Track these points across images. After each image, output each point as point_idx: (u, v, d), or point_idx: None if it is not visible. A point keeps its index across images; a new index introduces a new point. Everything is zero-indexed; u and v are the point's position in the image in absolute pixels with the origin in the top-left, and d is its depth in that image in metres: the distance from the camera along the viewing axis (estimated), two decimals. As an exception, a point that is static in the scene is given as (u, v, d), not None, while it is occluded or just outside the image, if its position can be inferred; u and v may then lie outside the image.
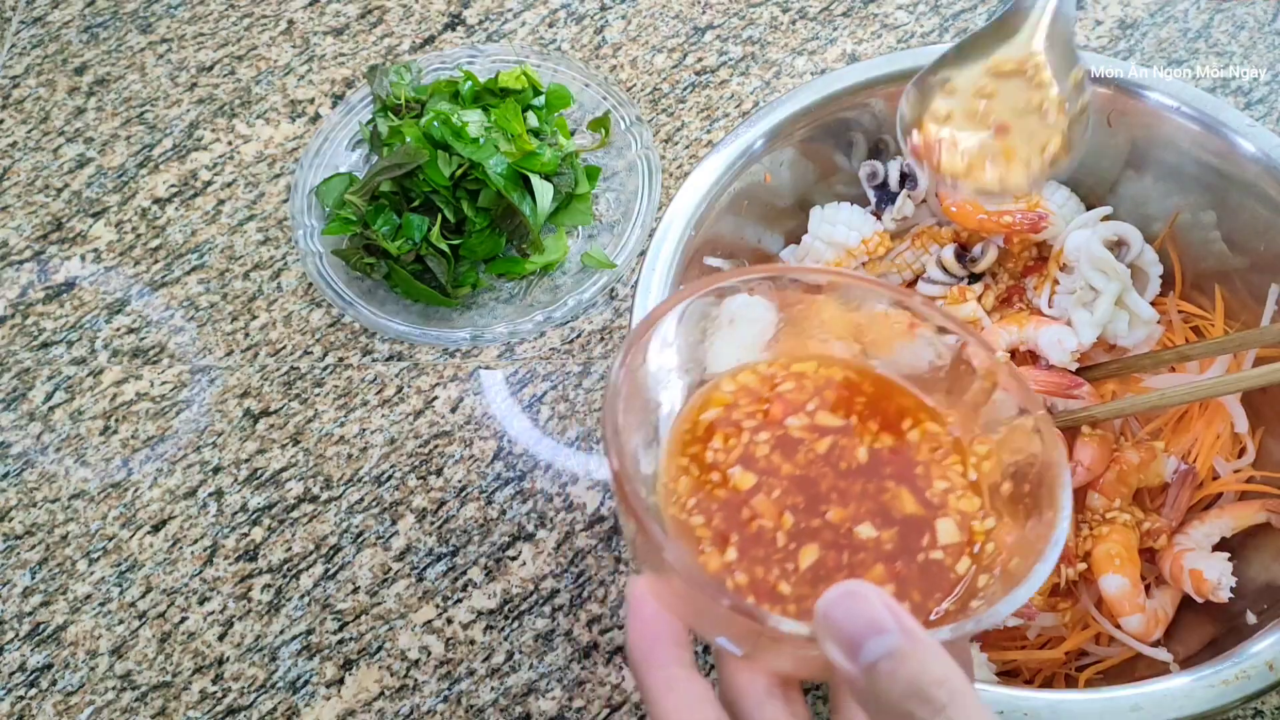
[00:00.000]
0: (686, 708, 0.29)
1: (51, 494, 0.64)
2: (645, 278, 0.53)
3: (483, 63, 0.76)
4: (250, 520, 0.63)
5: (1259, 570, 0.53)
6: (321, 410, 0.66)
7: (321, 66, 0.80)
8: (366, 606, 0.60)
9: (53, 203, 0.75)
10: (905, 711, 0.25)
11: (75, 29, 0.83)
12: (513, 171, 0.67)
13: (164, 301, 0.71)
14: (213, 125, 0.78)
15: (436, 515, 0.63)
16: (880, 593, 0.27)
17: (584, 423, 0.65)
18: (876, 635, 0.26)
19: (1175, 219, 0.59)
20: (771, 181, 0.59)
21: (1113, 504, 0.55)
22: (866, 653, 0.26)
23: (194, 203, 0.75)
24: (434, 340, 0.66)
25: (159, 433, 0.66)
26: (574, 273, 0.69)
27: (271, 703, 0.58)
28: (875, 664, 0.25)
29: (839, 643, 0.26)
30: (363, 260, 0.68)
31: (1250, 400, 0.57)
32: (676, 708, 0.29)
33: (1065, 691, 0.46)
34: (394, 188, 0.68)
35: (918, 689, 0.25)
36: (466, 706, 0.57)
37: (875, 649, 0.26)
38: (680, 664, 0.30)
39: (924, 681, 0.25)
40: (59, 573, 0.62)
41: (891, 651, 0.25)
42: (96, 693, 0.59)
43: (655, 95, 0.77)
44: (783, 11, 0.80)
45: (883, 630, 0.26)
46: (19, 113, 0.79)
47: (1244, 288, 0.58)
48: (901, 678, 0.25)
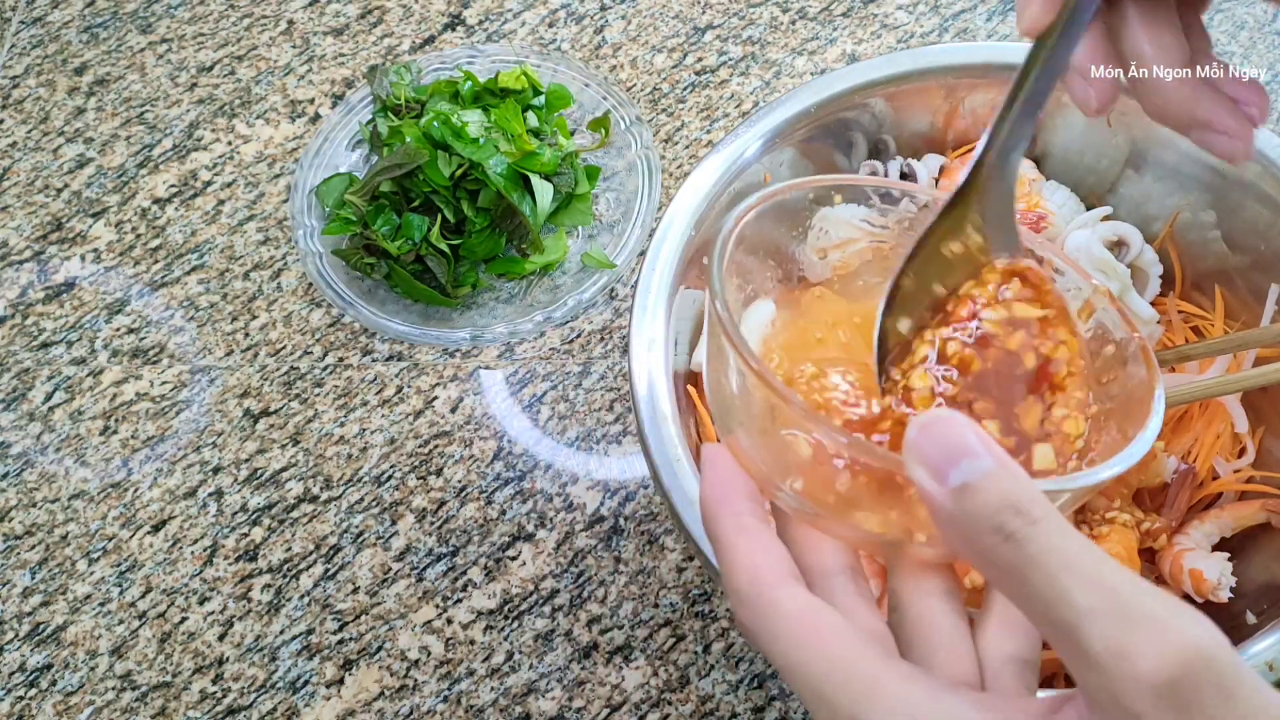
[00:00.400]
0: (760, 550, 0.28)
1: (51, 494, 0.64)
2: (645, 278, 0.53)
3: (483, 63, 0.76)
4: (250, 520, 0.63)
5: (1259, 570, 0.53)
6: (321, 410, 0.66)
7: (321, 66, 0.80)
8: (366, 606, 0.60)
9: (53, 203, 0.75)
10: (997, 525, 0.24)
11: (75, 29, 0.83)
12: (513, 171, 0.67)
13: (164, 301, 0.71)
14: (213, 125, 0.78)
15: (436, 515, 0.63)
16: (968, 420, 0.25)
17: (584, 423, 0.65)
18: (966, 458, 0.25)
19: (1175, 219, 0.59)
20: (771, 182, 0.59)
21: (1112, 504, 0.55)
22: (956, 475, 0.24)
23: (194, 203, 0.75)
24: (434, 340, 0.66)
25: (159, 433, 0.66)
26: (574, 273, 0.69)
27: (271, 703, 0.58)
28: (965, 484, 0.24)
29: (928, 465, 0.25)
30: (363, 260, 0.68)
31: (1250, 400, 0.57)
32: (749, 551, 0.28)
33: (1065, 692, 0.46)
34: (394, 188, 0.68)
35: (1012, 502, 0.24)
36: (466, 706, 0.57)
37: (965, 470, 0.24)
38: (753, 514, 0.29)
39: (1019, 496, 0.24)
40: (59, 573, 0.62)
41: (983, 472, 0.24)
42: (96, 693, 0.59)
43: (655, 95, 0.77)
44: (783, 11, 0.80)
45: (972, 454, 0.25)
46: (19, 113, 0.79)
47: (1244, 288, 0.58)
48: (995, 493, 0.24)
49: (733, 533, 0.29)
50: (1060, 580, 0.23)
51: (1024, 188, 0.59)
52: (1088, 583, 0.23)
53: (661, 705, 0.57)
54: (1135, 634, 0.22)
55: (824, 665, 0.26)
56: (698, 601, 0.59)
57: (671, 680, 0.57)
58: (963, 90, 0.59)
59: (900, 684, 0.25)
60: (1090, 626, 0.22)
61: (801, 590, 0.28)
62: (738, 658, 0.58)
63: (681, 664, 0.58)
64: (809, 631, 0.26)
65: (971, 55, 0.59)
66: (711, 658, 0.58)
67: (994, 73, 0.58)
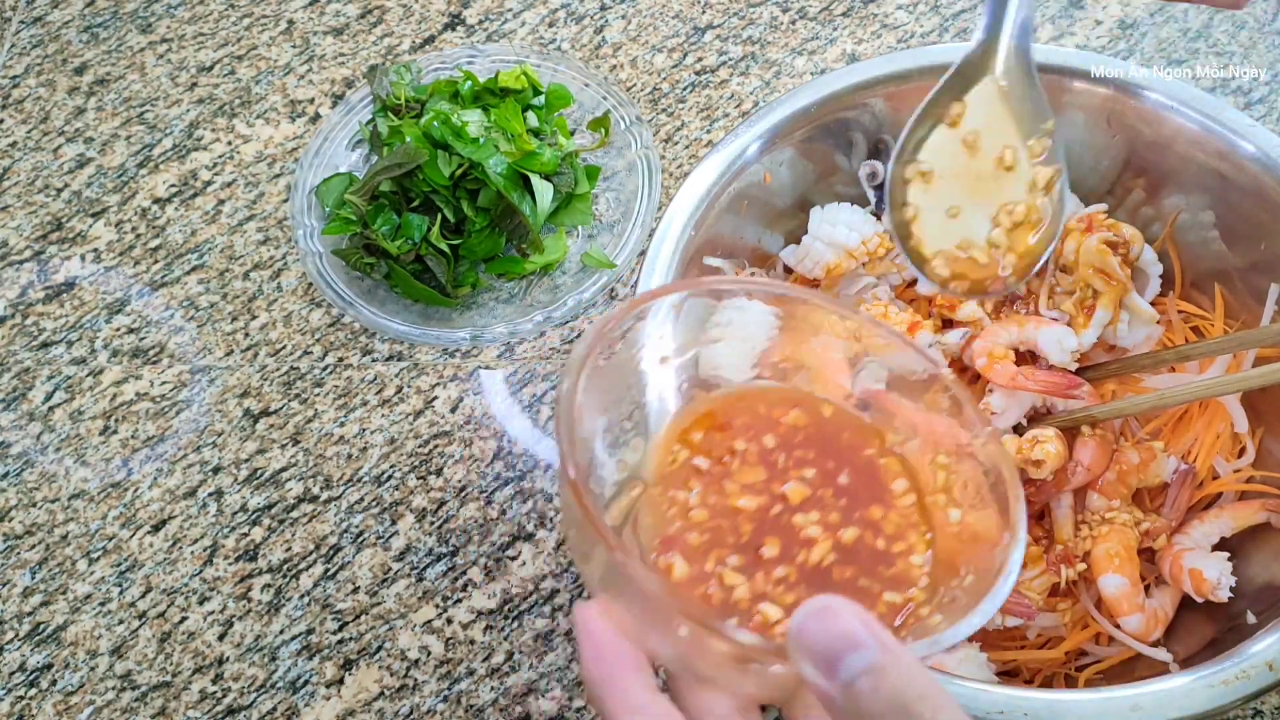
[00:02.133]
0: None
1: (51, 494, 0.64)
2: (645, 278, 0.53)
3: (483, 63, 0.76)
4: (250, 520, 0.63)
5: (1259, 570, 0.53)
6: (321, 410, 0.66)
7: (321, 66, 0.80)
8: (366, 606, 0.60)
9: (53, 203, 0.75)
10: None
11: (75, 29, 0.83)
12: (513, 171, 0.67)
13: (164, 301, 0.71)
14: (213, 125, 0.78)
15: (436, 515, 0.63)
16: (855, 607, 0.26)
17: (584, 423, 0.65)
18: (854, 651, 0.25)
19: (1175, 219, 0.59)
20: (771, 181, 0.59)
21: (1112, 504, 0.55)
22: (845, 670, 0.25)
23: (194, 203, 0.75)
24: (434, 340, 0.66)
25: (159, 433, 0.66)
26: (574, 273, 0.69)
27: (271, 703, 0.58)
28: (854, 681, 0.24)
29: (815, 660, 0.25)
30: (363, 260, 0.68)
31: (1250, 400, 0.57)
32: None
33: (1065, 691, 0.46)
34: (394, 188, 0.68)
35: (902, 705, 0.24)
36: (466, 706, 0.57)
37: (854, 665, 0.25)
38: (643, 687, 0.28)
39: (908, 697, 0.24)
40: (59, 573, 0.62)
41: (871, 667, 0.24)
42: (96, 693, 0.59)
43: (655, 95, 0.77)
44: (783, 11, 0.80)
45: (859, 645, 0.25)
46: (19, 113, 0.79)
47: (1244, 288, 0.58)
48: (884, 694, 0.24)
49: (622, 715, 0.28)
50: None
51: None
52: None
53: (661, 705, 0.57)
54: None
55: None
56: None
57: (671, 680, 0.57)
58: (963, 90, 0.59)
59: None
60: None
61: None
62: (738, 658, 0.58)
63: (681, 664, 0.58)
64: None
65: (971, 55, 0.59)
66: (711, 658, 0.58)
67: (994, 73, 0.58)
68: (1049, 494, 0.55)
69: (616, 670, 0.28)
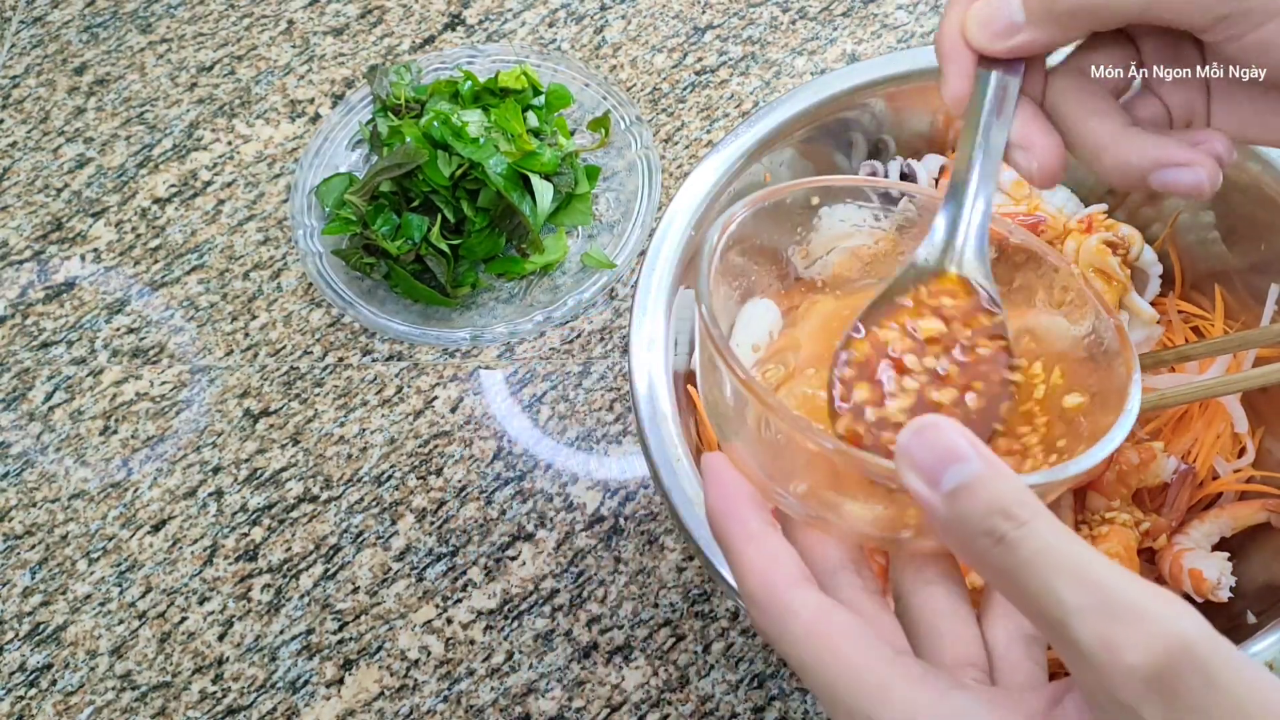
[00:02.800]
0: (770, 555, 0.29)
1: (51, 494, 0.64)
2: (645, 278, 0.53)
3: (483, 63, 0.76)
4: (250, 520, 0.63)
5: (1259, 570, 0.53)
6: (321, 410, 0.66)
7: (321, 66, 0.80)
8: (366, 606, 0.60)
9: (53, 203, 0.75)
10: (989, 528, 0.25)
11: (75, 29, 0.83)
12: (513, 171, 0.67)
13: (164, 301, 0.71)
14: (213, 125, 0.78)
15: (436, 515, 0.63)
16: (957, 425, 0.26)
17: (584, 423, 0.65)
18: (956, 462, 0.26)
19: (1175, 219, 0.59)
20: (771, 182, 0.59)
21: (1112, 504, 0.55)
22: (947, 479, 0.26)
23: (194, 203, 0.75)
24: (434, 340, 0.66)
25: (159, 433, 0.66)
26: (574, 273, 0.69)
27: (271, 703, 0.58)
28: (957, 488, 0.25)
29: (920, 472, 0.26)
30: (363, 260, 0.68)
31: (1250, 400, 0.57)
32: (759, 556, 0.29)
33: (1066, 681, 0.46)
34: (394, 188, 0.68)
35: (1001, 506, 0.25)
36: (466, 706, 0.57)
37: (956, 474, 0.25)
38: (761, 521, 0.30)
39: (1007, 499, 0.25)
40: (59, 573, 0.62)
41: (973, 476, 0.25)
42: (96, 693, 0.59)
43: (655, 95, 0.77)
44: (783, 11, 0.80)
45: (962, 458, 0.26)
46: (19, 113, 0.79)
47: (1244, 288, 0.58)
48: (984, 497, 0.25)
49: (742, 540, 0.30)
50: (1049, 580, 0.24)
51: (1023, 189, 0.59)
52: (1075, 581, 0.24)
53: (661, 705, 0.57)
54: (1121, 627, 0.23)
55: (836, 668, 0.27)
56: (697, 601, 0.59)
57: (671, 680, 0.57)
58: (963, 90, 0.59)
59: (909, 687, 0.26)
60: (1079, 623, 0.23)
61: (813, 592, 0.29)
62: (737, 658, 0.58)
63: (681, 664, 0.58)
64: (822, 634, 0.27)
65: (971, 55, 0.59)
66: (711, 657, 0.58)
67: (994, 73, 0.58)
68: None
69: (739, 504, 0.31)
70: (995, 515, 0.25)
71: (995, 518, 0.25)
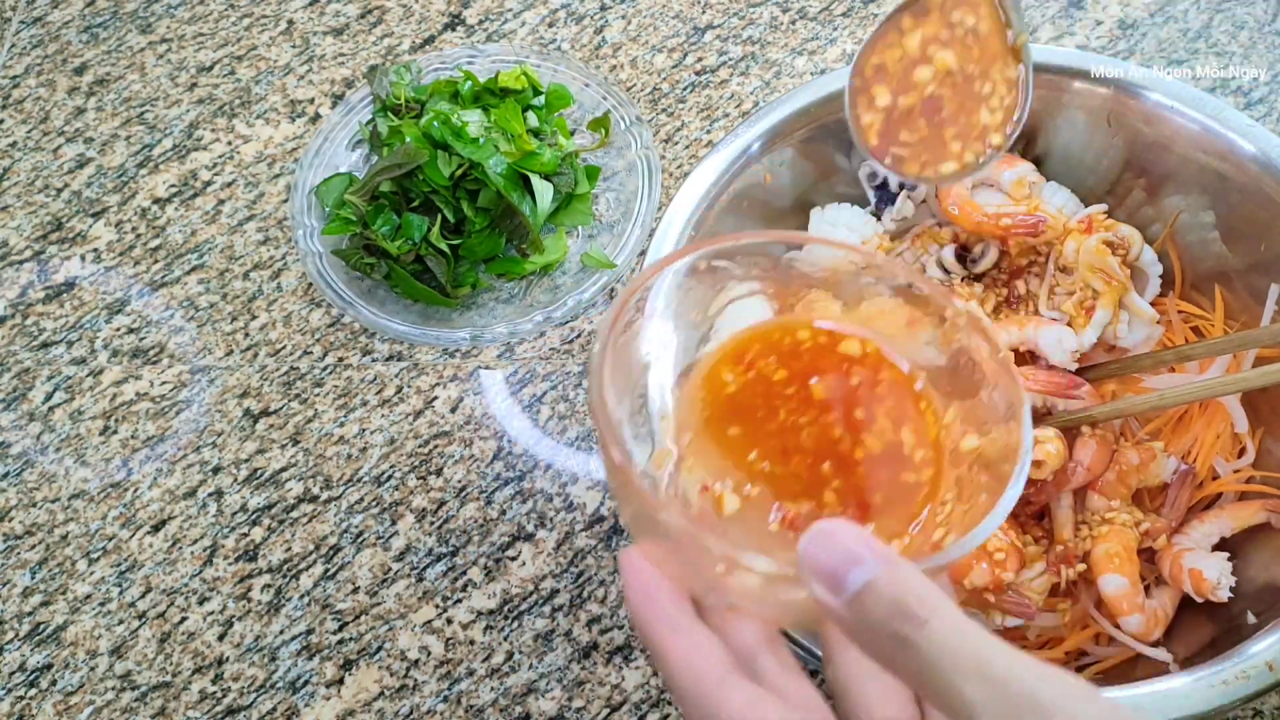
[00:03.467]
0: (693, 649, 0.30)
1: (51, 494, 0.64)
2: (645, 278, 0.53)
3: (483, 63, 0.76)
4: (250, 520, 0.63)
5: (1259, 570, 0.53)
6: (321, 410, 0.66)
7: (321, 66, 0.80)
8: (366, 606, 0.60)
9: (53, 203, 0.75)
10: (891, 631, 0.26)
11: (75, 29, 0.83)
12: (513, 171, 0.67)
13: (164, 301, 0.71)
14: (213, 125, 0.78)
15: (436, 515, 0.63)
16: (852, 527, 0.28)
17: (584, 423, 0.65)
18: (855, 566, 0.26)
19: (1175, 219, 0.59)
20: (771, 182, 0.59)
21: (1112, 504, 0.55)
22: (849, 584, 0.26)
23: (194, 203, 0.75)
24: (434, 340, 0.66)
25: (159, 433, 0.66)
26: (574, 273, 0.69)
27: (271, 703, 0.58)
28: (858, 593, 0.26)
29: (822, 579, 0.27)
30: (363, 260, 0.68)
31: (1250, 400, 0.57)
32: (684, 652, 0.30)
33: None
34: (394, 188, 0.68)
35: (900, 607, 0.26)
36: (466, 706, 0.57)
37: (856, 578, 0.26)
38: (683, 614, 0.31)
39: (906, 600, 0.26)
40: (59, 573, 0.62)
41: (871, 579, 0.26)
42: (96, 693, 0.59)
43: (655, 95, 0.77)
44: (783, 11, 0.80)
45: (859, 560, 0.26)
46: (19, 113, 0.79)
47: (1244, 288, 0.58)
48: (884, 599, 0.26)
49: (667, 636, 0.30)
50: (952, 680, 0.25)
51: (1024, 189, 0.59)
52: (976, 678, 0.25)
53: (661, 705, 0.57)
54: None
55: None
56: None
57: (671, 680, 0.57)
58: (963, 90, 0.59)
59: None
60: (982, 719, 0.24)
61: (741, 686, 0.29)
62: (738, 658, 0.58)
63: (681, 664, 0.58)
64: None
65: (971, 55, 0.59)
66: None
67: (994, 73, 0.58)
68: (1049, 494, 0.55)
69: (658, 599, 0.31)
70: (895, 618, 0.26)
71: (896, 620, 0.26)
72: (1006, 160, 0.60)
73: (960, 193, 0.59)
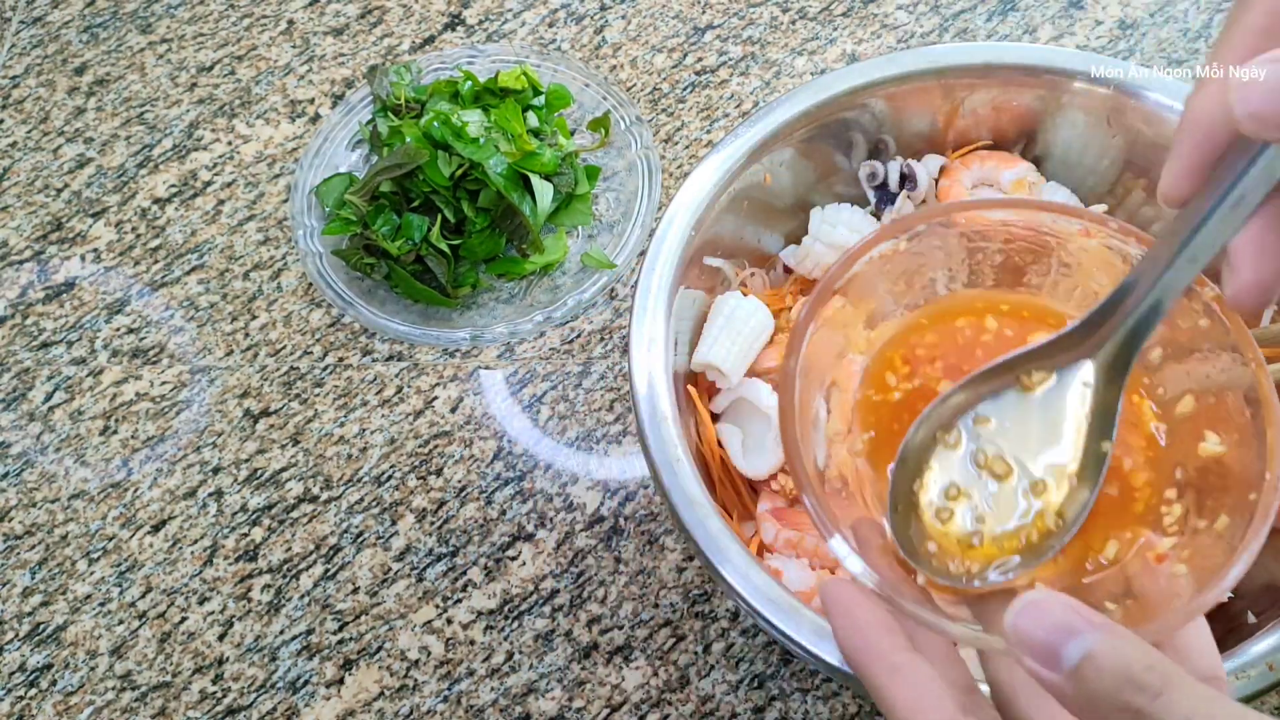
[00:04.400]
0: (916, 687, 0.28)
1: (51, 494, 0.64)
2: (645, 278, 0.53)
3: (483, 63, 0.76)
4: (250, 520, 0.63)
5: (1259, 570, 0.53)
6: (321, 410, 0.66)
7: (321, 66, 0.80)
8: (366, 606, 0.60)
9: (53, 203, 0.75)
10: (1121, 704, 0.24)
11: (75, 29, 0.83)
12: (513, 171, 0.67)
13: (164, 301, 0.71)
14: (213, 125, 0.78)
15: (436, 515, 0.63)
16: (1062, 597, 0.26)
17: (584, 423, 0.65)
18: (1071, 638, 0.25)
19: (1175, 219, 0.59)
20: (771, 182, 0.59)
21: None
22: (1066, 659, 0.25)
23: (194, 203, 0.75)
24: (434, 340, 0.66)
25: (159, 433, 0.66)
26: (574, 273, 0.69)
27: (271, 703, 0.58)
28: (1078, 667, 0.25)
29: (1035, 655, 0.25)
30: (363, 260, 0.68)
31: (1250, 400, 0.57)
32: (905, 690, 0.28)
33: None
34: (394, 188, 0.68)
35: (1129, 677, 0.24)
36: (466, 706, 0.57)
37: (1074, 652, 0.25)
38: (899, 649, 0.29)
39: (1133, 669, 0.24)
40: (59, 573, 0.62)
41: (1091, 650, 0.25)
42: (96, 693, 0.59)
43: (655, 95, 0.77)
44: (783, 11, 0.80)
45: (1075, 632, 0.25)
46: (19, 113, 0.79)
47: (1244, 288, 0.58)
48: (1109, 671, 0.24)
49: (886, 676, 0.29)
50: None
51: (1023, 189, 0.59)
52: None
53: (661, 705, 0.57)
54: None
55: None
56: (698, 601, 0.59)
57: (671, 680, 0.57)
58: (962, 90, 0.59)
59: None
60: None
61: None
62: (738, 658, 0.58)
63: (681, 664, 0.58)
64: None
65: (971, 55, 0.59)
66: (711, 658, 0.58)
67: (994, 73, 0.58)
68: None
69: (875, 638, 0.29)
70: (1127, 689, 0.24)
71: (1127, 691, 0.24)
72: (1007, 160, 0.61)
73: (959, 193, 0.59)
